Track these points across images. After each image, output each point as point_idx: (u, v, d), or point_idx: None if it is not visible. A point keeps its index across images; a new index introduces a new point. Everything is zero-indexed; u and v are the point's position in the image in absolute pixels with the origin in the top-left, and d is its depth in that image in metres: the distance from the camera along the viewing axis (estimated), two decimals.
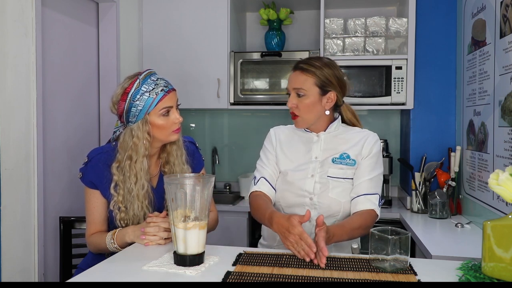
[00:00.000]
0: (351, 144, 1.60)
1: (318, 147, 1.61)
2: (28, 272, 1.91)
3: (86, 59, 2.56)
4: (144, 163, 1.49)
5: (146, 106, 1.45)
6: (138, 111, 1.45)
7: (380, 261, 1.16)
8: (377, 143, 1.60)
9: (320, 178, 1.57)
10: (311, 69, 1.54)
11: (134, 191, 1.47)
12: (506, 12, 1.77)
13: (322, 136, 1.62)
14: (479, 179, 2.10)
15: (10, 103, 1.81)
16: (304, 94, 1.53)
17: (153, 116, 1.47)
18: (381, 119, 3.09)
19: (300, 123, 1.59)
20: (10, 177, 1.80)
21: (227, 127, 3.32)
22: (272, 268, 1.17)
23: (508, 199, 1.04)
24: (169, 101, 1.49)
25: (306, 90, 1.53)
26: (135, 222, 1.50)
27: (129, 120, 1.47)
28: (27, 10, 1.90)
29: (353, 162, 1.57)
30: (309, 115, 1.56)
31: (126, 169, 1.47)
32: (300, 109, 1.55)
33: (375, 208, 1.52)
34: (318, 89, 1.54)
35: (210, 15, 2.88)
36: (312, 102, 1.54)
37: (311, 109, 1.55)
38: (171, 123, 1.49)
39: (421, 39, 2.61)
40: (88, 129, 2.58)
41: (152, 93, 1.45)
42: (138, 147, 1.46)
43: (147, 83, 1.46)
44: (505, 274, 1.02)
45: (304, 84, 1.53)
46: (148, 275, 1.13)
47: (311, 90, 1.53)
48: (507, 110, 1.75)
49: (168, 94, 1.48)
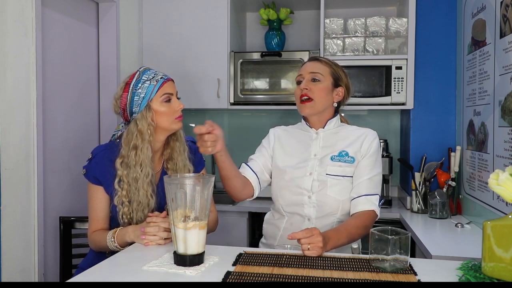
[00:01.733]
0: (350, 141, 1.61)
1: (317, 144, 1.63)
2: (28, 272, 1.91)
3: (86, 59, 2.56)
4: (149, 150, 1.51)
5: (148, 93, 1.50)
6: (141, 99, 1.49)
7: (380, 261, 1.16)
8: (376, 140, 1.61)
9: (318, 176, 1.57)
10: (328, 61, 1.65)
11: (140, 180, 1.49)
12: (506, 12, 1.77)
13: (321, 133, 1.64)
14: (479, 179, 2.10)
15: (10, 103, 1.81)
16: (320, 80, 1.59)
17: (156, 103, 1.51)
18: (381, 119, 3.09)
19: (310, 107, 1.60)
20: (10, 177, 1.80)
21: (227, 127, 3.32)
22: (272, 268, 1.17)
23: (508, 199, 1.04)
24: (169, 88, 1.54)
25: (323, 75, 1.60)
26: (141, 213, 1.51)
27: (132, 111, 1.51)
28: (27, 10, 1.90)
29: (352, 159, 1.58)
30: (321, 100, 1.59)
31: (131, 159, 1.49)
32: (314, 92, 1.58)
33: (375, 208, 1.53)
34: (332, 79, 1.62)
35: (210, 15, 2.88)
36: (326, 88, 1.60)
37: (324, 94, 1.59)
38: (172, 110, 1.53)
39: (421, 39, 2.61)
40: (88, 129, 2.58)
41: (152, 80, 1.51)
42: (143, 134, 1.50)
43: (147, 74, 1.53)
44: (505, 274, 1.02)
45: (321, 70, 1.61)
46: (148, 275, 1.13)
47: (327, 77, 1.61)
48: (507, 110, 1.75)
49: (167, 81, 1.54)
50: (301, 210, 1.58)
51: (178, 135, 1.61)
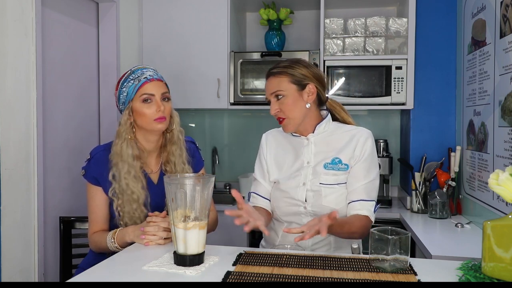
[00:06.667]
0: (343, 145, 1.56)
1: (309, 151, 1.58)
2: (28, 272, 1.91)
3: (86, 59, 2.56)
4: (129, 148, 1.51)
5: (129, 93, 1.52)
6: (124, 97, 1.53)
7: (380, 261, 1.16)
8: (369, 141, 1.54)
9: (312, 186, 1.54)
10: (281, 70, 1.53)
11: (123, 173, 1.50)
12: (506, 12, 1.77)
13: (312, 138, 1.58)
14: (479, 179, 2.10)
15: (10, 103, 1.81)
16: (282, 95, 1.51)
17: (136, 103, 1.52)
18: (381, 119, 3.09)
19: (288, 126, 1.54)
20: (10, 177, 1.80)
21: (227, 127, 3.32)
22: (272, 268, 1.17)
23: (508, 199, 1.04)
24: (152, 88, 1.52)
25: (283, 90, 1.51)
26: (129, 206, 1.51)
27: (120, 108, 1.56)
28: (27, 10, 1.90)
29: (346, 166, 1.53)
30: (294, 114, 1.52)
31: (112, 155, 1.52)
32: (283, 110, 1.52)
33: (370, 215, 1.50)
34: (295, 86, 1.52)
35: (210, 15, 2.88)
36: (293, 99, 1.51)
37: (294, 107, 1.51)
38: (152, 111, 1.51)
39: (421, 39, 2.61)
40: (88, 129, 2.58)
41: (135, 80, 1.52)
42: (120, 132, 1.53)
43: (136, 73, 1.54)
44: (505, 274, 1.02)
45: (279, 86, 1.51)
46: (148, 275, 1.13)
47: (288, 89, 1.51)
48: (507, 110, 1.75)
49: (150, 82, 1.52)
50: (299, 219, 1.56)
51: (175, 138, 1.60)
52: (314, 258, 1.26)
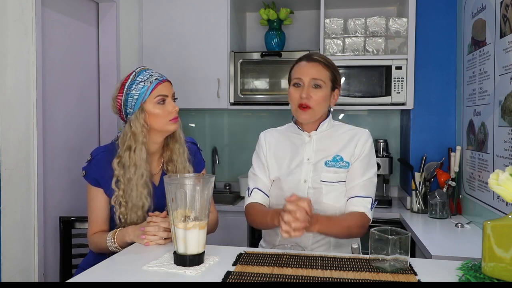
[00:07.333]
0: (343, 144, 1.57)
1: (310, 148, 1.58)
2: (28, 272, 1.91)
3: (86, 59, 2.56)
4: (143, 151, 1.50)
5: (141, 95, 1.49)
6: (134, 100, 1.49)
7: (380, 261, 1.16)
8: (369, 141, 1.57)
9: (313, 183, 1.54)
10: (328, 63, 1.55)
11: (133, 180, 1.49)
12: (506, 12, 1.77)
13: (314, 136, 1.59)
14: (479, 179, 2.10)
15: (10, 103, 1.81)
16: (321, 86, 1.52)
17: (149, 105, 1.50)
18: (381, 119, 3.09)
19: (309, 115, 1.53)
20: (10, 177, 1.80)
21: (227, 127, 3.32)
22: (272, 268, 1.17)
23: (508, 199, 1.04)
24: (164, 89, 1.52)
25: (324, 82, 1.52)
26: (134, 214, 1.51)
27: (127, 112, 1.51)
28: (27, 10, 1.90)
29: (347, 164, 1.54)
30: (320, 108, 1.54)
31: (126, 160, 1.49)
32: (314, 100, 1.51)
33: (367, 211, 1.50)
34: (330, 84, 1.55)
35: (210, 15, 2.88)
36: (325, 95, 1.53)
37: (323, 102, 1.53)
38: (167, 112, 1.51)
39: (421, 39, 2.61)
40: (88, 129, 2.58)
41: (146, 82, 1.50)
42: (136, 136, 1.50)
43: (142, 75, 1.52)
44: (505, 274, 1.02)
45: (322, 75, 1.52)
46: (148, 275, 1.13)
47: (327, 83, 1.53)
48: (507, 110, 1.75)
49: (162, 83, 1.52)
50: None
51: (177, 137, 1.60)
52: (314, 258, 1.26)
